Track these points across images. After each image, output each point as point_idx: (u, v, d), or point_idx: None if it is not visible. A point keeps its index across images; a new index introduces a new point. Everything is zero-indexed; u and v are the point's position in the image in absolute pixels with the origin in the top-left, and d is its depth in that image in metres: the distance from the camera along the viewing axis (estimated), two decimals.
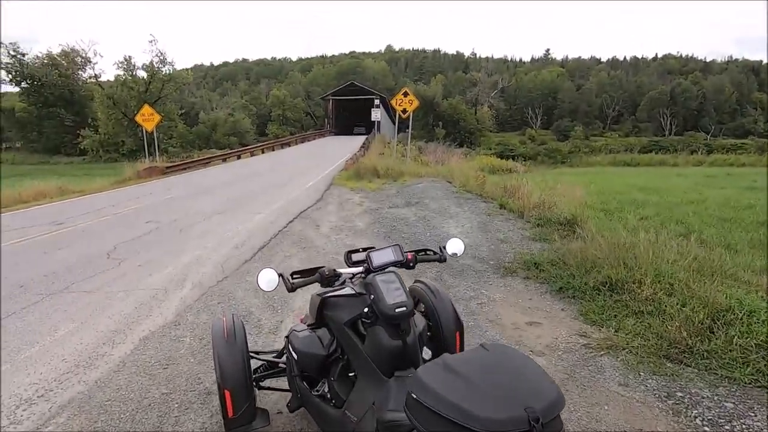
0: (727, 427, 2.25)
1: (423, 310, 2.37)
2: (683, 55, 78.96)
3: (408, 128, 17.09)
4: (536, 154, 34.95)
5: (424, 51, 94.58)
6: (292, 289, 1.78)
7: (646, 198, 9.38)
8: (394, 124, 19.32)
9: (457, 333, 2.31)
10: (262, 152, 26.13)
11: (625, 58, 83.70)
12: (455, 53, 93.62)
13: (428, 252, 2.14)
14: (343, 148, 24.53)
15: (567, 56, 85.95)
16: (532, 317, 3.73)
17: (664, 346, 2.99)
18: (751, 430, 2.22)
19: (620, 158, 31.53)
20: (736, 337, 2.87)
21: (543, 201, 7.01)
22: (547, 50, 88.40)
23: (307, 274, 1.91)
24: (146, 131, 18.38)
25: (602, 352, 3.05)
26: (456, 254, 2.13)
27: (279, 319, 3.71)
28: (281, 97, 53.09)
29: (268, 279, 1.79)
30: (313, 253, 5.70)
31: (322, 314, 1.95)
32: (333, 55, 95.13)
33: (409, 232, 6.50)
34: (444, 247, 2.13)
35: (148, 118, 17.96)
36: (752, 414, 2.31)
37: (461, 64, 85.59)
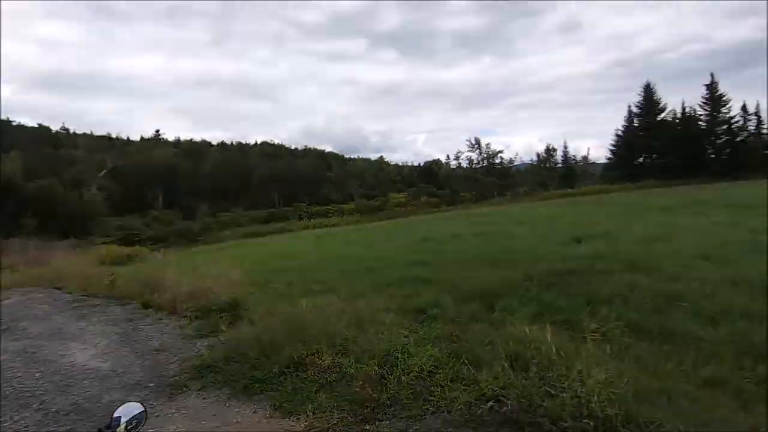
0: None
1: None
2: (275, 143, 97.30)
3: None
4: (167, 236, 32.77)
5: None
6: None
7: (285, 264, 10.37)
8: None
9: None
10: None
11: (232, 142, 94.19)
12: (37, 125, 76.13)
13: None
14: None
15: (179, 137, 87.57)
16: None
17: (358, 410, 3.09)
18: None
19: (248, 231, 34.49)
20: (402, 376, 3.35)
21: (195, 288, 6.34)
22: (158, 131, 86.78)
23: None
24: None
25: None
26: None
27: None
28: None
29: None
30: None
31: None
32: None
33: (2, 382, 4.20)
34: (108, 427, 1.30)
35: None
36: None
37: (48, 138, 70.41)
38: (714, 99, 37.62)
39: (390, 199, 52.91)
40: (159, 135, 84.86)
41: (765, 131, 37.29)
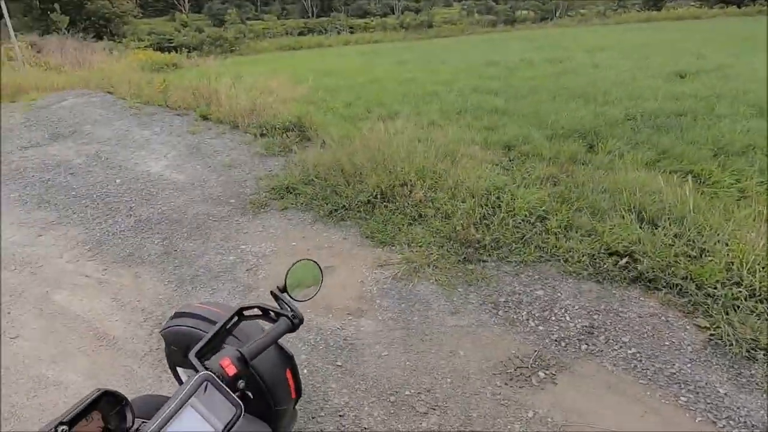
0: (552, 318, 2.34)
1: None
2: None
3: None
4: (200, 43, 30.90)
5: None
6: None
7: (337, 82, 9.55)
8: None
9: (288, 371, 1.34)
10: None
11: None
12: None
13: (259, 310, 0.97)
14: None
15: None
16: (320, 263, 3.01)
17: (459, 249, 2.90)
18: (567, 311, 2.37)
19: (285, 42, 31.96)
20: (505, 217, 3.05)
21: (255, 104, 5.88)
22: None
23: None
24: None
25: (414, 280, 2.72)
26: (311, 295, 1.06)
27: None
28: None
29: None
30: None
31: None
32: None
33: (86, 187, 4.25)
34: (282, 290, 1.00)
35: None
36: (559, 295, 2.49)
37: None
38: None
39: (435, 15, 46.57)
40: None
41: None
